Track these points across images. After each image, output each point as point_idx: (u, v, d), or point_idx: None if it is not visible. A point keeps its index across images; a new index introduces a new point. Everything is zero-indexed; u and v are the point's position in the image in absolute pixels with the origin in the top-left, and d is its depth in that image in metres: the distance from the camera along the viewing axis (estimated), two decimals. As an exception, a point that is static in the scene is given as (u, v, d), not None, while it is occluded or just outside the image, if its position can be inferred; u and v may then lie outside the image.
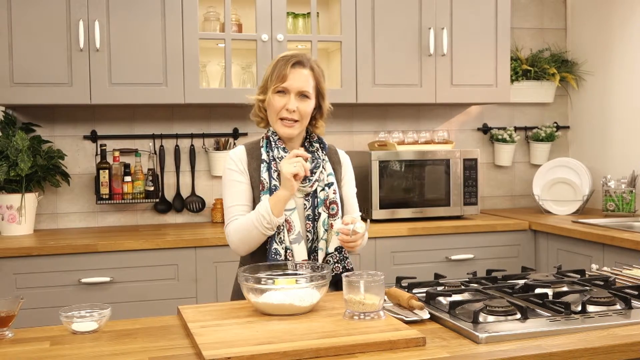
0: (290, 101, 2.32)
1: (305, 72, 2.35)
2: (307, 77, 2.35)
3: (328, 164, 2.44)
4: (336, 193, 2.39)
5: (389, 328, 1.80)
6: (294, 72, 2.32)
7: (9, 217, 3.69)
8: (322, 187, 2.38)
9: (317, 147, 2.43)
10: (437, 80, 4.12)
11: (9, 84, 3.55)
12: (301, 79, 2.33)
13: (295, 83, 2.32)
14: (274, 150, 2.38)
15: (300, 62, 2.34)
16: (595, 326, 1.84)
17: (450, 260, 3.90)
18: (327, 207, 2.37)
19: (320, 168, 2.39)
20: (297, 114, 2.33)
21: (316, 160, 2.39)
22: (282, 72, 2.32)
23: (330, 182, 2.40)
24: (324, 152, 2.44)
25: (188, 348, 1.75)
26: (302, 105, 2.34)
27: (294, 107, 2.32)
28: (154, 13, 3.70)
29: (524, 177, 4.78)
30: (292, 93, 2.33)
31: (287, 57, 2.36)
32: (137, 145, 4.10)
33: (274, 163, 2.36)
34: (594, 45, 4.59)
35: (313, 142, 2.44)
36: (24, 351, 1.77)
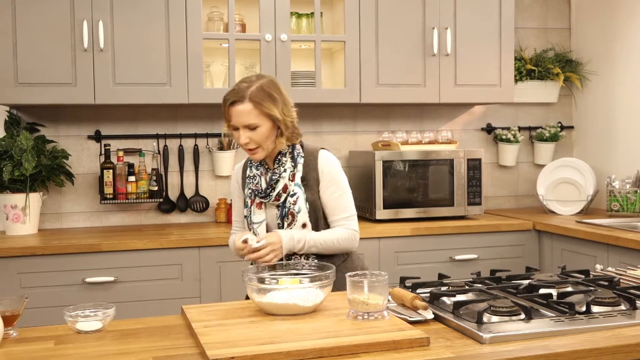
0: (239, 136, 2.46)
1: (242, 107, 2.43)
2: (247, 112, 2.43)
3: (299, 174, 2.54)
4: (297, 203, 2.51)
5: (393, 328, 1.80)
6: (234, 110, 2.44)
7: (14, 217, 3.70)
8: (285, 198, 2.53)
9: (285, 160, 2.55)
10: (441, 80, 4.12)
11: (13, 84, 3.56)
12: (242, 115, 2.43)
13: (238, 120, 2.44)
14: (250, 169, 2.61)
15: (237, 100, 2.44)
16: (600, 327, 1.83)
17: (454, 260, 3.89)
18: (288, 217, 2.53)
19: (283, 180, 2.52)
20: (252, 143, 2.46)
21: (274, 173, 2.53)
22: (226, 113, 2.48)
23: (293, 193, 2.52)
24: (293, 164, 2.55)
25: (192, 348, 1.76)
26: (253, 135, 2.45)
27: (246, 140, 2.45)
28: (157, 13, 3.70)
29: (528, 177, 4.77)
30: (240, 128, 2.46)
31: (227, 97, 2.47)
32: (141, 145, 4.11)
33: (249, 180, 2.60)
34: (598, 45, 4.59)
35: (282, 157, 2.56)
36: (29, 350, 1.77)
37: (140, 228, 3.97)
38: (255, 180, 2.56)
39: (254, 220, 2.57)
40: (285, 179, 2.52)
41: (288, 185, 2.52)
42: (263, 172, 2.57)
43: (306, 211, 2.52)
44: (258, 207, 2.56)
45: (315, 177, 2.55)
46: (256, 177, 2.56)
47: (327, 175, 2.57)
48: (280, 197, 2.52)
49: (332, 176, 2.58)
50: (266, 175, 2.55)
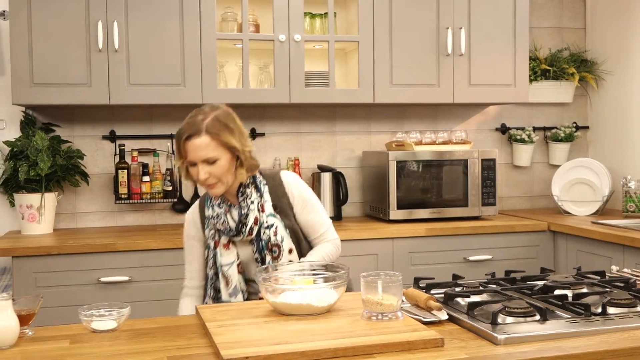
0: (198, 172, 2.34)
1: (199, 141, 2.32)
2: (204, 145, 2.32)
3: (268, 203, 2.46)
4: (277, 234, 2.43)
5: (407, 329, 1.80)
6: (190, 145, 2.33)
7: (29, 217, 3.72)
8: (263, 230, 2.44)
9: (249, 192, 2.45)
10: (455, 80, 4.11)
11: (29, 84, 3.58)
12: (199, 149, 2.32)
13: (196, 155, 2.33)
14: (209, 209, 2.49)
15: (193, 134, 2.33)
16: (616, 328, 1.82)
17: (469, 261, 3.88)
18: (270, 250, 2.43)
19: (253, 213, 2.42)
20: (212, 178, 2.35)
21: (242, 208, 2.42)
22: (181, 148, 2.35)
23: (270, 224, 2.44)
24: (259, 194, 2.46)
25: (206, 347, 1.76)
26: (212, 169, 2.34)
27: (205, 176, 2.34)
28: (172, 14, 3.71)
29: (542, 178, 4.75)
30: (198, 164, 2.34)
31: (181, 132, 2.35)
32: (155, 145, 4.12)
33: (211, 220, 2.47)
34: (613, 45, 4.56)
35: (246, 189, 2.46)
36: (44, 349, 1.78)
37: (155, 228, 3.98)
38: (220, 219, 2.44)
39: (223, 262, 2.44)
40: (255, 211, 2.43)
41: (258, 217, 2.43)
42: (227, 209, 2.45)
43: (288, 237, 2.46)
44: (226, 248, 2.45)
45: (287, 202, 2.50)
46: (220, 216, 2.44)
47: (298, 197, 2.53)
48: (253, 231, 2.42)
49: (302, 197, 2.54)
50: (230, 212, 2.44)
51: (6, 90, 3.83)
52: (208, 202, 2.50)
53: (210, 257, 2.48)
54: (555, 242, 4.00)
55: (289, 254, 2.45)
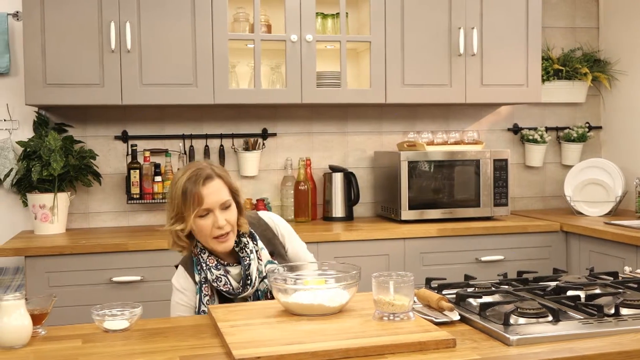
0: (217, 218, 2.23)
1: (215, 183, 2.25)
2: (220, 187, 2.26)
3: (264, 251, 2.37)
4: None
5: (419, 329, 1.80)
6: (208, 188, 2.23)
7: (42, 216, 3.74)
8: (260, 279, 2.32)
9: (246, 241, 2.35)
10: (467, 80, 4.10)
11: (42, 85, 3.59)
12: (217, 191, 2.24)
13: (214, 199, 2.23)
14: (206, 272, 2.31)
15: (208, 177, 2.24)
16: (629, 329, 1.81)
17: (480, 261, 3.87)
18: (268, 299, 2.31)
19: (253, 264, 2.31)
20: (227, 226, 2.26)
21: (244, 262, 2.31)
22: (196, 195, 2.21)
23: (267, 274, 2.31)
24: (255, 243, 2.36)
25: (218, 347, 1.76)
26: (228, 216, 2.26)
27: (223, 222, 2.24)
28: (184, 14, 3.72)
29: (555, 178, 4.73)
30: (215, 210, 2.24)
31: (191, 177, 2.24)
32: (167, 146, 4.13)
33: (205, 286, 2.30)
34: (627, 44, 4.53)
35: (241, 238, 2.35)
36: (57, 349, 1.79)
37: (167, 228, 3.99)
38: (222, 282, 2.29)
39: None
40: (255, 260, 2.31)
41: (259, 267, 2.32)
42: (225, 271, 2.31)
43: None
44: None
45: (279, 243, 2.45)
46: (221, 278, 2.29)
47: (284, 232, 2.48)
48: (256, 282, 2.30)
49: (286, 230, 2.50)
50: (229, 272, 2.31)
51: (19, 90, 3.85)
52: (197, 268, 2.33)
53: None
54: (568, 243, 3.98)
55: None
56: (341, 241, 3.68)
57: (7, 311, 1.79)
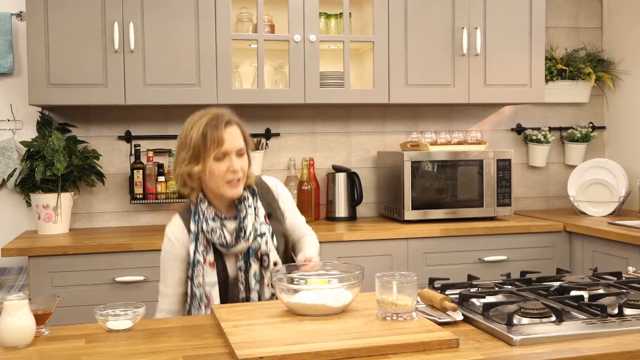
0: (233, 162, 2.27)
1: (236, 129, 2.31)
2: (238, 134, 2.31)
3: (261, 210, 2.39)
4: (268, 243, 2.34)
5: (422, 329, 1.79)
6: (229, 132, 2.28)
7: (46, 216, 3.74)
8: (254, 237, 2.33)
9: (246, 195, 2.36)
10: (471, 80, 4.09)
11: (45, 85, 3.60)
12: (236, 137, 2.30)
13: (232, 144, 2.28)
14: (202, 223, 2.32)
15: (229, 122, 2.30)
16: (632, 329, 1.81)
17: (484, 261, 3.87)
18: (258, 259, 2.32)
19: (249, 218, 2.32)
20: (241, 172, 2.29)
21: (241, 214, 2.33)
22: (216, 136, 2.25)
23: (262, 233, 2.34)
24: (255, 199, 2.38)
25: (221, 347, 1.76)
26: (243, 163, 2.31)
27: (238, 167, 2.28)
28: (187, 14, 3.73)
29: (558, 178, 4.72)
30: (232, 154, 2.28)
31: (213, 118, 2.29)
32: (170, 146, 4.13)
33: (201, 235, 2.31)
34: (630, 44, 4.53)
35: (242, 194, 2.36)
36: (60, 348, 1.79)
37: (170, 228, 3.99)
38: (216, 234, 2.29)
39: (209, 282, 2.29)
40: (252, 216, 2.33)
41: (255, 224, 2.33)
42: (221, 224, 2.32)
43: (274, 250, 2.36)
44: (211, 267, 2.30)
45: (277, 207, 2.47)
46: (216, 230, 2.30)
47: (286, 199, 2.52)
48: (250, 237, 2.31)
49: (288, 199, 2.53)
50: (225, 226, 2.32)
51: (23, 90, 3.86)
52: (195, 217, 2.34)
53: (199, 275, 2.29)
54: (571, 243, 3.98)
55: (274, 265, 2.34)
56: (344, 241, 3.68)
57: (10, 311, 1.79)
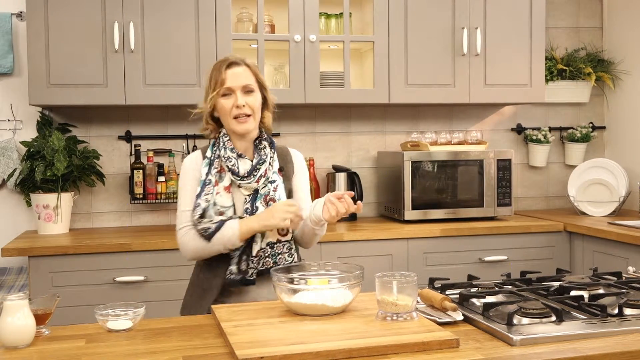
0: (237, 98, 2.41)
1: (241, 69, 2.45)
2: (244, 73, 2.45)
3: (276, 162, 2.52)
4: (277, 190, 2.47)
5: (422, 329, 1.79)
6: (231, 72, 2.43)
7: (46, 216, 3.75)
8: (264, 184, 2.46)
9: (265, 144, 2.51)
10: (471, 80, 4.09)
11: (45, 85, 3.60)
12: (240, 76, 2.43)
13: (235, 81, 2.42)
14: (220, 150, 2.46)
15: (234, 62, 2.45)
16: (632, 329, 1.81)
17: (484, 261, 3.87)
18: (265, 203, 2.44)
19: (266, 164, 2.46)
20: (247, 108, 2.42)
21: (260, 157, 2.46)
22: (219, 76, 2.43)
23: (273, 180, 2.48)
24: (272, 150, 2.51)
25: (221, 347, 1.76)
26: (249, 100, 2.43)
27: (243, 102, 2.41)
28: (187, 14, 3.73)
29: (558, 178, 4.72)
30: (236, 91, 2.42)
31: (220, 61, 2.47)
32: (170, 146, 4.13)
33: (217, 160, 2.45)
34: (631, 44, 4.53)
35: (262, 140, 2.51)
36: (60, 348, 1.79)
37: (170, 228, 3.99)
38: (231, 162, 2.43)
39: (223, 203, 2.40)
40: (267, 164, 2.47)
41: (267, 171, 2.47)
42: (237, 157, 2.46)
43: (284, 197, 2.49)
44: (226, 191, 2.42)
45: (291, 169, 2.58)
46: (231, 159, 2.43)
47: (301, 169, 2.61)
48: (260, 181, 2.44)
49: (304, 170, 2.63)
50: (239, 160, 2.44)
51: (23, 90, 3.86)
52: (213, 148, 2.48)
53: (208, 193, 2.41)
54: (572, 243, 3.98)
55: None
56: (344, 241, 3.68)
57: (10, 311, 1.79)
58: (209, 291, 2.45)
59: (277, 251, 2.45)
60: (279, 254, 2.45)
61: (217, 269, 2.44)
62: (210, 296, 2.43)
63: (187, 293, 2.59)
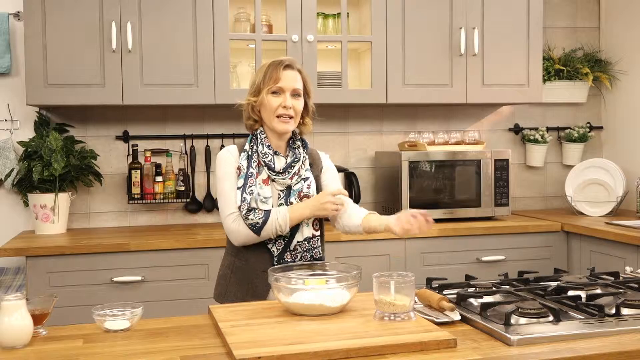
0: (286, 99, 2.51)
1: (295, 73, 2.55)
2: (297, 78, 2.55)
3: (307, 161, 2.62)
4: (310, 187, 2.56)
5: (420, 329, 1.80)
6: (286, 73, 2.52)
7: (43, 217, 3.74)
8: (298, 181, 2.55)
9: (299, 144, 2.61)
10: (468, 80, 4.10)
11: (43, 85, 3.60)
12: (293, 79, 2.53)
13: (288, 83, 2.52)
14: (258, 146, 2.54)
15: (290, 65, 2.55)
16: (630, 329, 1.81)
17: (481, 261, 3.87)
18: (299, 199, 2.53)
19: (299, 162, 2.56)
20: (292, 110, 2.52)
21: (295, 156, 2.57)
22: (274, 74, 2.51)
23: (306, 177, 2.57)
24: (305, 150, 2.62)
25: (219, 347, 1.76)
26: (295, 103, 2.53)
27: (290, 104, 2.51)
28: (185, 14, 3.73)
29: (556, 178, 4.73)
30: (286, 92, 2.51)
31: (277, 61, 2.55)
32: (168, 146, 4.13)
33: (255, 155, 2.54)
34: (628, 45, 4.53)
35: (296, 140, 2.61)
36: (58, 349, 1.79)
37: (168, 228, 3.99)
38: (267, 158, 2.52)
39: (263, 194, 2.48)
40: (300, 162, 2.57)
41: (301, 169, 2.56)
42: (273, 153, 2.55)
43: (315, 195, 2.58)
44: (265, 183, 2.51)
45: (319, 168, 2.67)
46: (268, 155, 2.53)
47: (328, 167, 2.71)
48: (293, 178, 2.54)
49: (332, 168, 2.72)
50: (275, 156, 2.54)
51: (20, 90, 3.86)
52: (250, 143, 2.56)
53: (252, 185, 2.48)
54: (569, 243, 3.98)
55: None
56: (342, 241, 3.68)
57: (8, 311, 1.79)
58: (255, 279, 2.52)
59: (313, 245, 2.54)
60: (315, 248, 2.54)
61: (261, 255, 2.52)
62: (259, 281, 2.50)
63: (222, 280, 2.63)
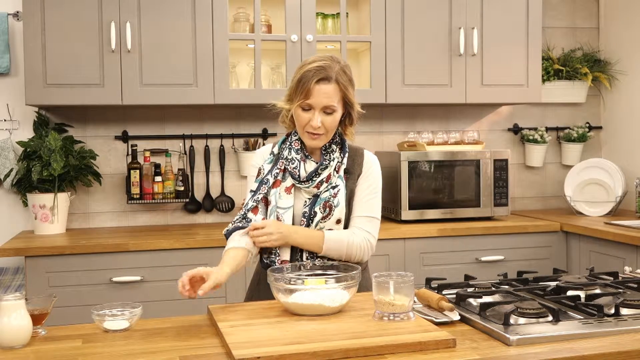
0: (314, 117, 2.28)
1: (329, 87, 2.28)
2: (332, 93, 2.28)
3: (343, 167, 2.40)
4: (336, 197, 2.34)
5: (419, 329, 1.80)
6: (318, 88, 2.26)
7: (42, 217, 3.74)
8: (327, 189, 2.36)
9: (335, 148, 2.40)
10: (468, 80, 4.10)
11: (42, 85, 3.60)
12: (326, 95, 2.27)
13: (319, 100, 2.27)
14: (286, 150, 2.40)
15: (325, 78, 2.27)
16: (629, 329, 1.81)
17: (481, 261, 3.87)
18: (324, 209, 2.34)
19: (329, 169, 2.36)
20: (322, 128, 2.30)
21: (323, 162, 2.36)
22: (306, 87, 2.27)
23: (336, 184, 2.36)
24: (342, 154, 2.40)
25: (218, 347, 1.76)
26: (327, 120, 2.30)
27: (318, 124, 2.28)
28: (184, 14, 3.72)
29: (555, 178, 4.73)
30: (316, 109, 2.29)
31: (312, 70, 2.28)
32: (167, 146, 4.13)
33: (280, 161, 2.39)
34: (627, 45, 4.53)
35: (332, 144, 2.40)
36: (57, 349, 1.79)
37: (167, 228, 3.99)
38: (293, 164, 2.36)
39: (281, 205, 2.34)
40: (331, 169, 2.36)
41: (331, 176, 2.36)
42: (303, 158, 2.37)
43: (344, 207, 2.36)
44: (287, 192, 2.36)
45: (359, 172, 2.44)
46: (294, 161, 2.36)
47: (370, 173, 2.45)
48: (321, 186, 2.35)
49: (374, 176, 2.46)
50: (305, 162, 2.37)
51: (19, 90, 3.86)
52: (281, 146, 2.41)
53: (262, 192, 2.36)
54: (568, 243, 3.98)
55: (337, 223, 2.36)
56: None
57: (7, 311, 1.79)
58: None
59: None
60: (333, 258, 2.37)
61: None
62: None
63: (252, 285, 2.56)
